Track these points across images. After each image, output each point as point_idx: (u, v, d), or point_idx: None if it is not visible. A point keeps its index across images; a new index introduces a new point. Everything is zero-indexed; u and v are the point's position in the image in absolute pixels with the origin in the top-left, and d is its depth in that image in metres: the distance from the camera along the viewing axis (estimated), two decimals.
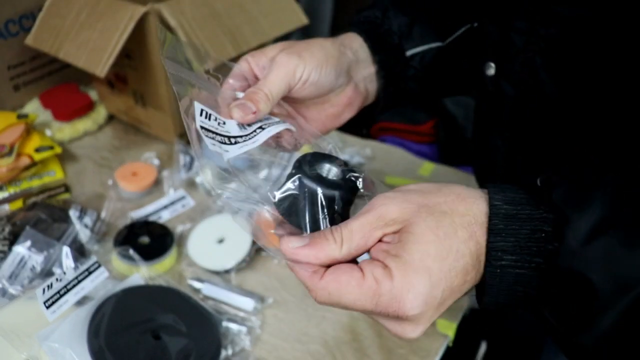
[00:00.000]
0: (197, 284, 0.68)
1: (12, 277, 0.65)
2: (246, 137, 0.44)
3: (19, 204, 0.79)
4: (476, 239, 0.37)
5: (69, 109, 0.96)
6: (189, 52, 0.76)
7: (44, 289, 0.56)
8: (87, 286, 0.58)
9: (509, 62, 0.53)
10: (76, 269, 0.58)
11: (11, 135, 0.83)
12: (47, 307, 0.55)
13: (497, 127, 0.58)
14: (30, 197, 0.80)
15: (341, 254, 0.37)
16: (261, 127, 0.45)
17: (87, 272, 0.58)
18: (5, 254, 0.67)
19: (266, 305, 0.67)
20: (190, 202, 0.82)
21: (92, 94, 1.01)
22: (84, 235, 0.72)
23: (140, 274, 0.66)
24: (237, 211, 0.45)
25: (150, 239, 0.72)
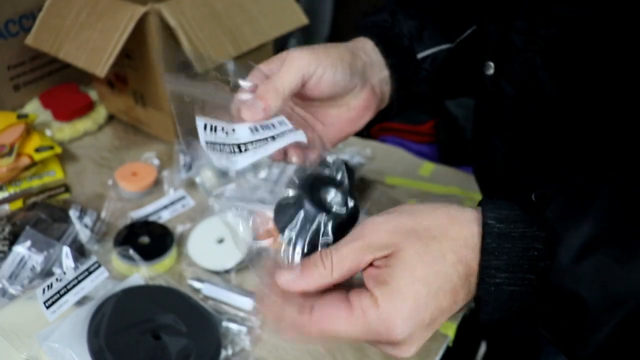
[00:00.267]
0: (197, 284, 0.68)
1: (12, 277, 0.65)
2: (257, 143, 0.42)
3: (19, 204, 0.79)
4: (466, 262, 0.37)
5: (69, 109, 0.96)
6: (194, 59, 0.75)
7: (44, 289, 0.56)
8: (87, 286, 0.58)
9: (509, 62, 0.53)
10: (76, 269, 0.58)
11: (11, 135, 0.83)
12: (47, 307, 0.55)
13: (496, 127, 0.58)
14: (30, 197, 0.80)
15: (332, 279, 0.38)
16: (273, 137, 0.43)
17: (87, 272, 0.58)
18: (5, 254, 0.67)
19: None
20: (190, 202, 0.82)
21: (92, 94, 1.01)
22: (84, 235, 0.72)
23: (140, 274, 0.66)
24: (237, 213, 0.45)
25: (150, 239, 0.72)
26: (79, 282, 0.58)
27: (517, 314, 0.38)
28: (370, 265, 0.38)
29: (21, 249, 0.66)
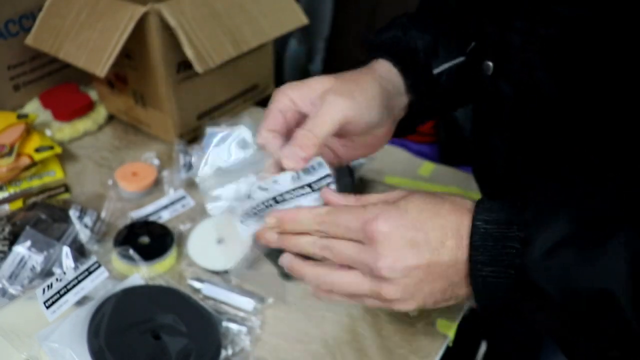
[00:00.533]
0: (197, 284, 0.68)
1: (12, 277, 0.65)
2: (294, 192, 0.48)
3: (19, 204, 0.79)
4: (461, 218, 0.44)
5: (69, 109, 0.96)
6: (194, 59, 0.76)
7: (44, 289, 0.56)
8: (87, 286, 0.58)
9: (508, 62, 0.53)
10: (76, 269, 0.58)
11: (11, 135, 0.83)
12: (47, 307, 0.55)
13: (496, 127, 0.58)
14: (30, 197, 0.80)
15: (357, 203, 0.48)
16: (310, 186, 0.47)
17: (87, 272, 0.58)
18: (5, 254, 0.67)
19: (266, 305, 0.67)
20: (190, 202, 0.82)
21: (92, 94, 1.01)
22: (84, 235, 0.72)
23: (140, 274, 0.66)
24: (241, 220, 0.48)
25: (150, 239, 0.72)
26: (79, 282, 0.58)
27: (505, 303, 0.44)
28: None
29: (21, 249, 0.66)
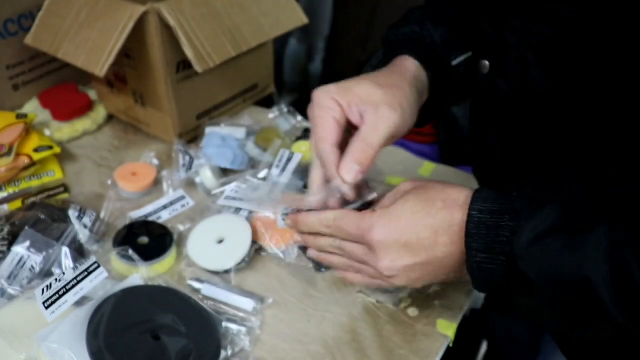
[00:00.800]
0: (196, 284, 0.67)
1: (11, 278, 0.65)
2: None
3: (18, 204, 0.79)
4: (452, 215, 0.47)
5: (68, 108, 0.95)
6: (194, 59, 0.78)
7: (43, 290, 0.56)
8: (87, 286, 0.58)
9: (504, 61, 0.53)
10: (75, 269, 0.58)
11: (10, 135, 0.83)
12: (46, 308, 0.55)
13: (493, 125, 0.58)
14: (29, 197, 0.80)
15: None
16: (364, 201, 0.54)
17: (86, 273, 0.58)
18: (4, 254, 0.66)
19: (266, 305, 0.66)
20: (189, 202, 0.81)
21: (92, 94, 1.01)
22: (83, 235, 0.72)
23: (139, 274, 0.66)
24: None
25: (149, 239, 0.72)
26: (78, 282, 0.57)
27: (499, 288, 0.46)
28: None
29: (20, 249, 0.66)
